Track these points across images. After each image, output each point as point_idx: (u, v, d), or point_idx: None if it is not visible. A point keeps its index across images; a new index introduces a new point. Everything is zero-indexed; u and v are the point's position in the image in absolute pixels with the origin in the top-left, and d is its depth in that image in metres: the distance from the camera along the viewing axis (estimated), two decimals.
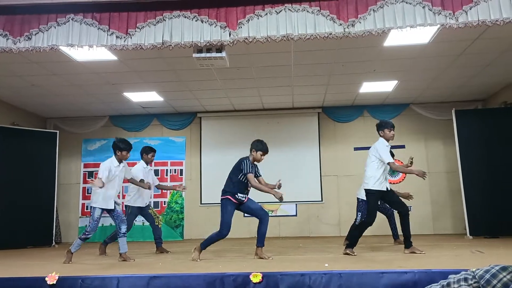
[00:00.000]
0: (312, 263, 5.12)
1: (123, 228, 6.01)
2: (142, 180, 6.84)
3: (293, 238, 9.95)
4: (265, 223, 5.81)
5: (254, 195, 5.99)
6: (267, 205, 10.55)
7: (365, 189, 6.06)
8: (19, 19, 5.25)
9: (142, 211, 7.17)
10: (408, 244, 5.94)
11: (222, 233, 5.70)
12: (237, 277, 4.08)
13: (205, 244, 5.84)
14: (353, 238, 6.09)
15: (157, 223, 7.20)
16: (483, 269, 1.14)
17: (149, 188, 6.97)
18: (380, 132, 6.14)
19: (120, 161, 6.11)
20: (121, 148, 6.05)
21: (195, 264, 5.41)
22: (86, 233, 5.88)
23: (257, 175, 5.94)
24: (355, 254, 5.79)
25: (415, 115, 10.61)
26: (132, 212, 7.09)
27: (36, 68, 7.57)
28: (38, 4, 5.18)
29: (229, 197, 5.76)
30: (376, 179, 5.93)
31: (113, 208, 6.02)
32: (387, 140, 6.08)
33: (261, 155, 5.87)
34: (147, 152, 7.31)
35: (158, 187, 7.69)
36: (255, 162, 5.93)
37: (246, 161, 5.81)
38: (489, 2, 4.80)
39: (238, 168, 5.83)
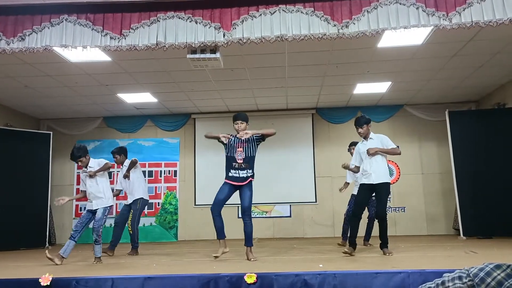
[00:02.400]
0: (307, 263, 5.12)
1: (94, 236, 5.94)
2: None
3: (287, 239, 9.94)
4: (246, 224, 5.70)
5: (253, 196, 5.93)
6: (262, 206, 10.57)
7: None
8: (13, 20, 5.23)
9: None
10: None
11: (211, 208, 5.68)
12: (232, 278, 4.08)
13: (216, 231, 5.76)
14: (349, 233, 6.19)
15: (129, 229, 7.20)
16: (478, 268, 1.14)
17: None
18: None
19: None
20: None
21: (189, 265, 5.40)
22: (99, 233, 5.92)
23: (259, 140, 5.80)
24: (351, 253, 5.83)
25: (409, 116, 10.65)
26: None
27: (30, 69, 7.54)
28: (32, 5, 5.17)
29: (225, 180, 5.70)
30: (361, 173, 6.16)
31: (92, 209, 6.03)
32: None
33: (235, 124, 5.73)
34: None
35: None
36: (237, 136, 5.75)
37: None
38: (482, 4, 4.83)
39: None
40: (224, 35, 5.11)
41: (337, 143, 10.78)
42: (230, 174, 5.67)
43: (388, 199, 6.42)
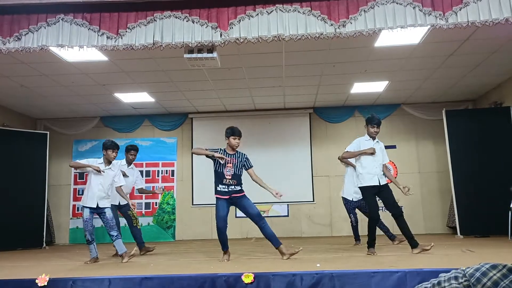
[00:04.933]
0: (304, 263, 5.12)
1: (113, 232, 5.98)
2: None
3: (285, 238, 9.91)
4: (265, 227, 5.79)
5: (253, 195, 5.93)
6: (259, 206, 10.53)
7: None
8: (9, 19, 5.21)
9: (119, 209, 7.14)
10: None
11: (216, 226, 5.69)
12: (229, 278, 4.08)
13: (222, 244, 5.78)
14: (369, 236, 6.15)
15: (135, 224, 7.14)
16: (474, 268, 1.14)
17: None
18: (365, 127, 6.27)
19: (108, 162, 6.13)
20: (107, 146, 6.09)
21: (187, 265, 5.39)
22: (85, 235, 5.97)
23: (246, 167, 5.84)
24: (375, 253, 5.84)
25: (406, 115, 10.66)
26: None
27: (26, 69, 7.52)
28: (28, 4, 5.14)
29: (215, 195, 5.72)
30: (362, 176, 6.13)
31: (95, 206, 6.01)
32: (369, 136, 6.19)
33: (234, 139, 5.76)
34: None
35: (140, 191, 7.72)
36: (232, 150, 5.81)
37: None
38: (479, 3, 4.84)
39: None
40: (221, 35, 5.10)
41: (334, 142, 10.78)
42: (219, 189, 5.71)
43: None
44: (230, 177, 5.70)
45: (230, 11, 5.13)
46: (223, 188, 5.68)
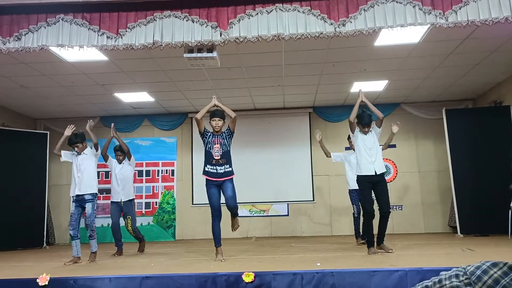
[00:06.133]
0: (304, 262, 5.13)
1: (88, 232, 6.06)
2: None
3: (285, 237, 9.95)
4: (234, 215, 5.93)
5: (251, 195, 5.95)
6: (259, 205, 10.57)
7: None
8: (8, 19, 5.21)
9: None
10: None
11: (212, 215, 5.73)
12: (229, 277, 4.08)
13: (215, 238, 5.78)
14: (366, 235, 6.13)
15: (128, 227, 7.19)
16: (474, 266, 1.14)
17: None
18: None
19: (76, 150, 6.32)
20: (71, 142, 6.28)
21: (187, 264, 5.40)
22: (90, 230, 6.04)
23: (230, 133, 5.97)
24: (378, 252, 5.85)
25: (406, 114, 10.65)
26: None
27: (26, 69, 7.52)
28: (28, 4, 5.14)
29: (203, 175, 5.81)
30: (358, 165, 6.17)
31: (77, 194, 6.09)
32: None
33: (213, 121, 5.92)
34: None
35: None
36: (216, 132, 5.94)
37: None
38: (478, 2, 4.84)
39: None
40: (220, 34, 5.10)
41: (334, 141, 10.76)
42: (206, 169, 5.79)
43: None
44: (218, 157, 5.75)
45: (229, 10, 5.13)
46: (211, 168, 5.75)
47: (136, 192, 10.66)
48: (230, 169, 5.80)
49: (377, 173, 6.00)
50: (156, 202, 10.81)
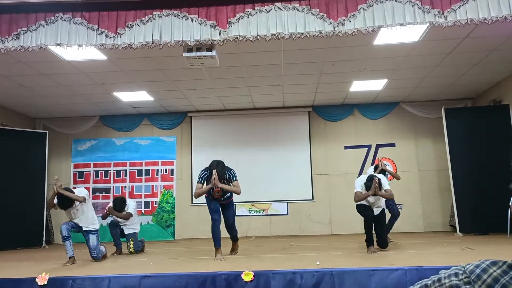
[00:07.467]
0: (304, 261, 5.13)
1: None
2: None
3: (285, 237, 9.95)
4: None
5: (250, 194, 5.96)
6: (259, 205, 10.57)
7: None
8: (7, 18, 5.20)
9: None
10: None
11: (211, 218, 5.81)
12: (229, 276, 4.08)
13: (214, 239, 5.82)
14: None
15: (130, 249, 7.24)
16: (474, 264, 1.14)
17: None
18: None
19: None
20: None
21: (186, 263, 5.39)
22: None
23: (231, 180, 5.85)
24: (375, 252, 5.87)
25: (405, 113, 10.66)
26: None
27: (25, 68, 7.51)
28: (26, 3, 5.14)
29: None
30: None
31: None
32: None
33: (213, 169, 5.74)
34: None
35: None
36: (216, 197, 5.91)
37: (201, 172, 5.87)
38: (478, 1, 4.84)
39: None
40: (220, 33, 5.10)
41: (333, 140, 10.79)
42: (207, 196, 5.92)
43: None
44: (219, 196, 5.85)
45: (229, 9, 5.12)
46: (211, 197, 5.89)
47: (136, 192, 10.65)
48: (229, 194, 5.91)
49: (375, 214, 6.07)
50: (155, 202, 10.80)
